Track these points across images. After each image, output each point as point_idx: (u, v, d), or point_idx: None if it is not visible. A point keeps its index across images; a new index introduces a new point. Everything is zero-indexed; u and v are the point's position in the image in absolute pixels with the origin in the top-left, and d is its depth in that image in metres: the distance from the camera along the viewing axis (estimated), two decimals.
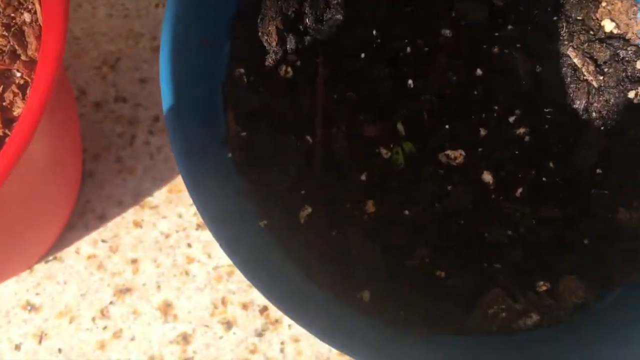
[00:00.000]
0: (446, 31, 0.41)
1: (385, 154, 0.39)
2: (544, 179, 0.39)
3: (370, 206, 0.38)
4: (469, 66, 0.41)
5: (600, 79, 0.41)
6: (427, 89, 0.40)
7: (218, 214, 0.33)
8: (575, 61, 0.41)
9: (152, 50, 0.48)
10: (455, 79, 0.40)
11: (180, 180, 0.45)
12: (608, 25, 0.42)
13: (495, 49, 0.41)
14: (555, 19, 0.42)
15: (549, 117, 0.41)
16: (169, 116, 0.33)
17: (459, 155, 0.39)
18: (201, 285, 0.44)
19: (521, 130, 0.40)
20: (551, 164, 0.40)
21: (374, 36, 0.40)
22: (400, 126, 0.40)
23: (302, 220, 0.37)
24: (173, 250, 0.44)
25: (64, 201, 0.42)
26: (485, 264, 0.38)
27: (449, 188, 0.39)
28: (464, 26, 0.41)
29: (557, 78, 0.41)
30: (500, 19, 0.42)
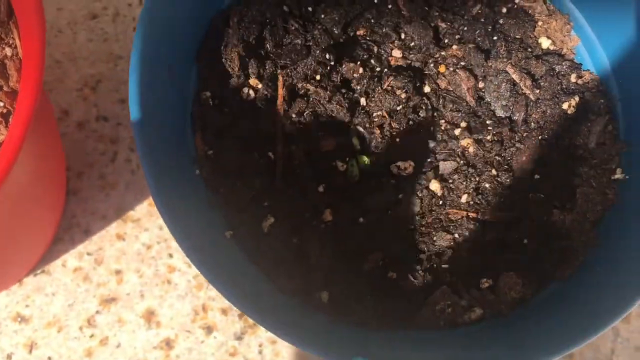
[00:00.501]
0: (396, 52, 0.44)
1: (342, 167, 0.42)
2: (487, 185, 0.42)
3: (328, 215, 0.41)
4: (417, 84, 0.43)
5: (537, 92, 0.43)
6: (379, 106, 0.42)
7: (185, 227, 0.35)
8: (513, 77, 0.43)
9: None
10: (404, 97, 0.42)
11: None
12: (545, 43, 0.45)
13: (441, 68, 0.44)
14: (495, 39, 0.45)
15: (490, 129, 0.43)
16: (139, 145, 0.34)
17: (408, 166, 0.42)
18: (182, 293, 0.45)
19: (466, 142, 0.43)
20: (494, 172, 0.42)
21: (328, 59, 0.42)
22: (355, 141, 0.42)
23: (266, 230, 0.39)
24: (155, 261, 0.46)
25: (50, 218, 0.44)
26: (434, 265, 0.40)
27: (400, 197, 0.42)
28: (413, 47, 0.44)
29: (498, 93, 0.43)
30: (445, 39, 0.45)
